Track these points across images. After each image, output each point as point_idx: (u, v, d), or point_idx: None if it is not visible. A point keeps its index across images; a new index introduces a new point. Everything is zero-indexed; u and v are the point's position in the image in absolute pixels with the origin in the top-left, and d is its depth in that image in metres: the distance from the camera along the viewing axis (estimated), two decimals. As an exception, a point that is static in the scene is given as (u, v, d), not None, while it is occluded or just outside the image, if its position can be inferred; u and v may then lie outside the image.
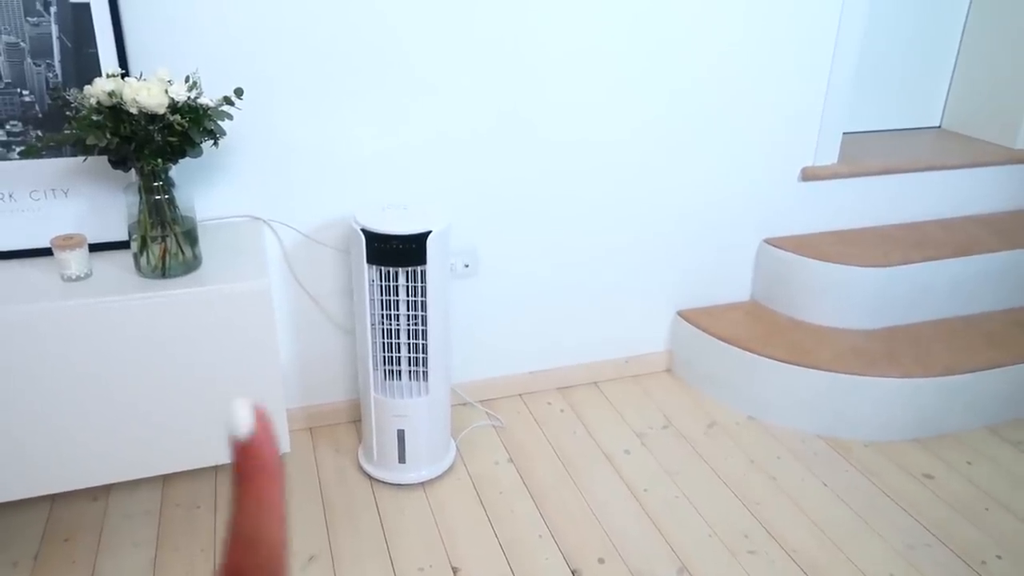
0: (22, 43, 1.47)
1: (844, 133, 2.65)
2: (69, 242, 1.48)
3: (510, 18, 1.85)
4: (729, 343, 2.22)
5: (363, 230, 1.68)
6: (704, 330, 2.28)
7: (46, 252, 1.60)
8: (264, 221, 1.86)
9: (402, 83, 1.83)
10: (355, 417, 2.16)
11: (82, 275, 1.51)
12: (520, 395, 2.30)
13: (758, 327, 2.28)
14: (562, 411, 2.23)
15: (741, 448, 2.09)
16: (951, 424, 2.16)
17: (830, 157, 2.31)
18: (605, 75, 1.99)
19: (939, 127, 2.80)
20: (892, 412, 2.10)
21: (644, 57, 2.00)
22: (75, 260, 1.49)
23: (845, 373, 2.07)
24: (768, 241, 2.35)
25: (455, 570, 1.67)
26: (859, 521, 1.84)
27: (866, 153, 2.46)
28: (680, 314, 2.37)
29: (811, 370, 2.10)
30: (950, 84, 2.74)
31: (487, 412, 2.21)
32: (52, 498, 1.84)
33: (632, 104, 2.05)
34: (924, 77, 2.70)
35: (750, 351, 2.17)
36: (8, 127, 1.51)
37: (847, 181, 2.36)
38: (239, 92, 1.48)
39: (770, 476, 1.98)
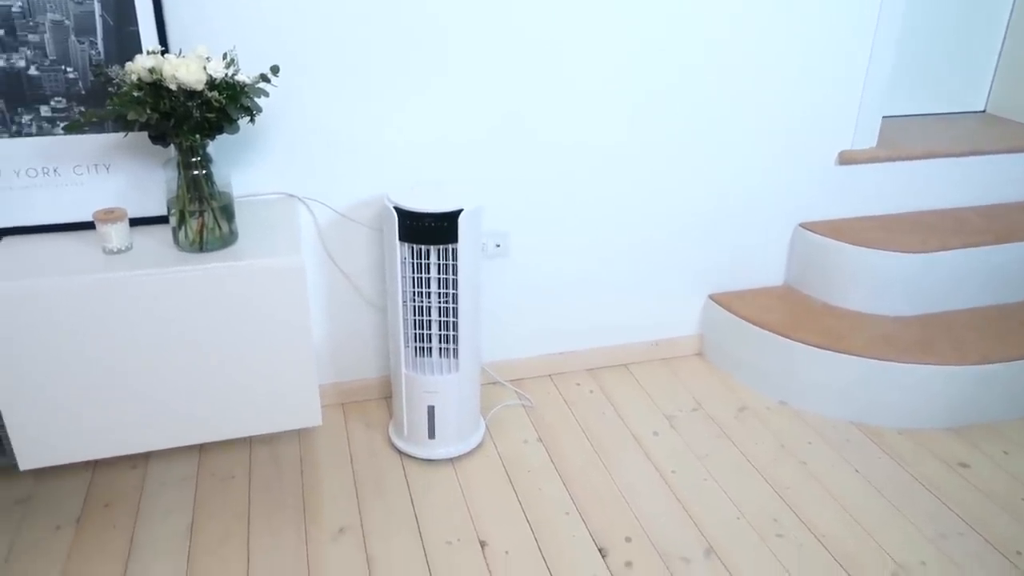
0: (67, 21, 1.51)
1: (884, 117, 2.60)
2: (111, 216, 1.52)
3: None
4: (761, 327, 2.20)
5: (396, 208, 1.69)
6: (736, 314, 2.26)
7: (88, 226, 1.65)
8: (298, 198, 1.88)
9: (436, 64, 1.84)
10: (385, 394, 2.19)
11: (123, 248, 1.55)
12: (550, 376, 2.31)
13: (791, 312, 2.26)
14: (591, 392, 2.24)
15: (772, 433, 2.07)
16: (987, 414, 2.13)
17: (868, 141, 2.27)
18: (641, 56, 1.97)
19: (983, 111, 2.73)
20: (926, 400, 2.07)
21: (676, 37, 1.98)
22: (116, 234, 1.53)
23: (879, 359, 2.05)
24: (803, 225, 2.32)
25: (483, 544, 1.69)
26: (891, 508, 1.82)
27: (906, 137, 2.41)
28: (712, 298, 2.35)
29: (844, 356, 2.07)
30: (996, 67, 2.67)
31: (516, 392, 2.23)
32: (93, 465, 1.90)
33: (668, 86, 2.03)
34: (969, 60, 2.63)
35: (783, 336, 2.15)
36: (53, 103, 1.55)
37: (886, 165, 2.32)
38: (275, 69, 1.50)
39: (800, 461, 1.97)
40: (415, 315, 1.80)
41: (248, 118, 1.50)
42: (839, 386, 2.11)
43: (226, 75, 1.43)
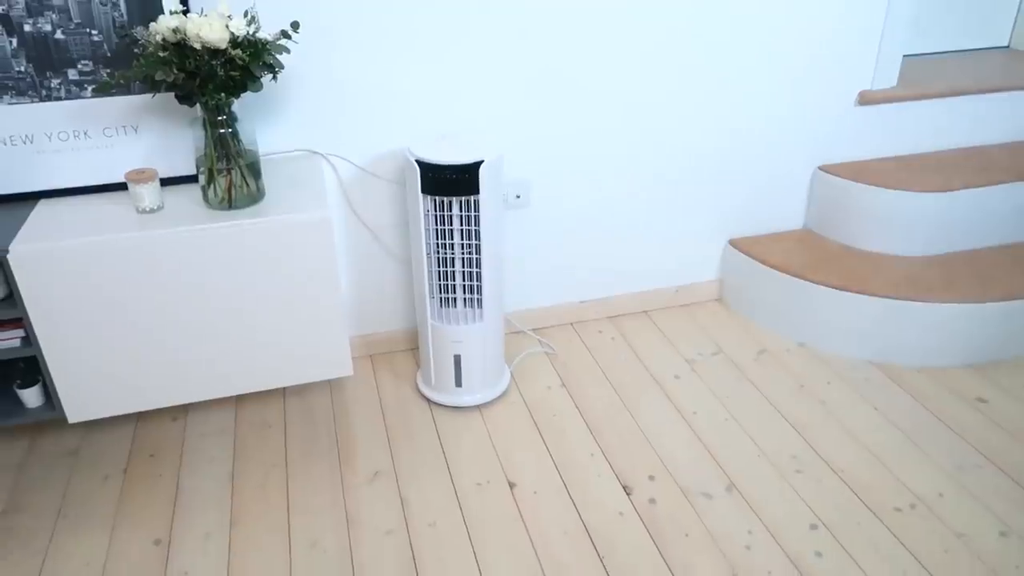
0: (89, -17, 1.53)
1: (905, 56, 2.57)
2: (142, 176, 1.56)
3: (559, -57, 1.84)
4: (781, 271, 2.22)
5: (417, 161, 1.72)
6: (755, 258, 2.28)
7: (120, 187, 1.69)
8: (322, 155, 1.92)
9: (456, 17, 1.84)
10: (412, 345, 2.24)
11: (155, 208, 1.59)
12: (571, 324, 2.35)
13: (811, 255, 2.28)
14: (613, 339, 2.28)
15: (791, 374, 2.11)
16: (1008, 350, 2.14)
17: (889, 80, 2.25)
18: (656, 6, 1.96)
19: (1007, 47, 2.68)
20: (947, 338, 2.09)
21: (696, -20, 1.97)
22: (148, 193, 1.57)
23: (900, 299, 2.06)
24: (823, 168, 2.32)
25: (511, 484, 1.75)
26: (909, 443, 1.86)
27: (928, 75, 2.38)
28: (731, 243, 2.37)
29: (865, 296, 2.09)
30: (1020, 1, 2.61)
31: (539, 340, 2.27)
32: (136, 417, 1.98)
33: (682, 29, 2.02)
34: (993, -7, 2.58)
35: (802, 278, 2.17)
36: (80, 66, 1.58)
37: (907, 105, 2.30)
38: (295, 25, 1.52)
39: (819, 400, 2.01)
40: (439, 267, 1.84)
41: (271, 75, 1.52)
42: (859, 327, 2.14)
43: (248, 32, 1.45)
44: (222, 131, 1.53)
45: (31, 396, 1.65)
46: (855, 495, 1.71)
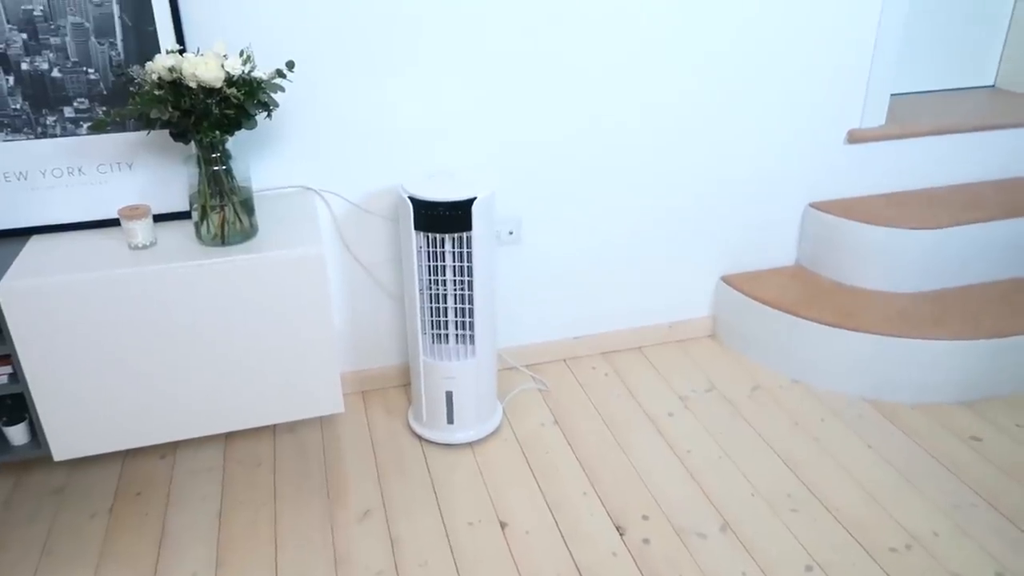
0: (86, 23, 1.55)
1: (893, 94, 2.61)
2: (135, 212, 1.56)
3: (552, -15, 1.87)
4: (773, 307, 2.22)
5: (411, 198, 1.73)
6: (748, 294, 2.29)
7: (113, 222, 1.70)
8: (315, 191, 1.92)
9: (449, 54, 1.87)
10: (404, 381, 2.23)
11: (148, 243, 1.59)
12: (564, 360, 2.35)
13: (803, 291, 2.28)
14: (606, 375, 2.27)
15: (785, 411, 2.10)
16: (1001, 388, 2.14)
17: (877, 119, 2.28)
18: (644, 38, 1.99)
19: (993, 86, 2.73)
20: (939, 375, 2.09)
21: (683, 18, 2.00)
22: (141, 229, 1.57)
23: (892, 336, 2.07)
24: (814, 205, 2.34)
25: (503, 524, 1.73)
26: (904, 482, 1.85)
27: (916, 114, 2.41)
28: (724, 279, 2.38)
29: (857, 333, 2.09)
30: (1005, 41, 2.66)
31: (532, 376, 2.27)
32: (123, 455, 1.96)
33: (672, 68, 2.05)
34: (977, 34, 2.63)
35: (795, 315, 2.18)
36: (76, 104, 1.59)
37: (895, 143, 2.33)
38: (291, 65, 1.54)
39: (814, 438, 2.00)
40: (432, 303, 1.84)
41: (266, 113, 1.53)
42: (852, 363, 2.14)
43: (243, 71, 1.47)
44: (216, 168, 1.54)
45: (17, 434, 1.63)
46: (850, 535, 1.69)
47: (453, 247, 1.77)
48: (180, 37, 1.61)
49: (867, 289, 2.30)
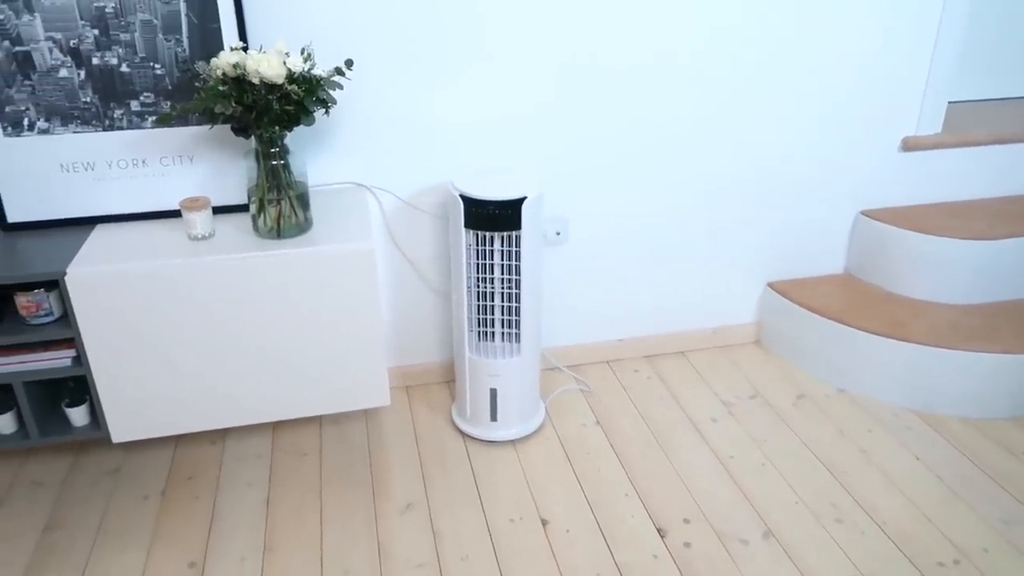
0: (155, 20, 1.60)
1: (950, 102, 2.56)
2: (195, 204, 1.61)
3: (606, -12, 1.88)
4: (821, 315, 2.20)
5: (461, 196, 1.75)
6: (795, 301, 2.27)
7: (174, 213, 1.75)
8: (367, 188, 1.96)
9: (500, 54, 1.88)
10: (448, 378, 2.25)
11: (206, 235, 1.64)
12: (607, 362, 2.35)
13: (852, 299, 2.25)
14: (649, 378, 2.27)
15: (830, 420, 2.08)
16: (1056, 403, 2.09)
17: (934, 127, 2.24)
18: (699, 42, 1.99)
19: (1055, 95, 2.66)
20: (990, 388, 2.05)
21: (737, 24, 1.99)
22: (200, 221, 1.62)
23: (942, 347, 2.03)
24: (865, 212, 2.31)
25: (544, 522, 1.74)
26: (952, 495, 1.81)
27: (973, 122, 2.37)
28: (770, 285, 2.36)
29: (906, 343, 2.06)
30: (1069, 49, 2.59)
31: (575, 377, 2.27)
32: (176, 440, 2.01)
33: (726, 72, 2.04)
34: (1040, 42, 2.57)
35: (843, 323, 2.15)
36: (142, 98, 1.65)
37: (951, 151, 2.29)
38: (349, 63, 1.57)
39: (860, 448, 1.97)
40: (479, 300, 1.85)
41: (324, 110, 1.57)
42: (900, 374, 2.10)
43: (304, 69, 1.50)
44: (274, 163, 1.58)
45: (78, 415, 1.69)
46: (897, 547, 1.67)
47: (502, 245, 1.78)
48: (243, 34, 1.65)
49: (917, 299, 2.26)
